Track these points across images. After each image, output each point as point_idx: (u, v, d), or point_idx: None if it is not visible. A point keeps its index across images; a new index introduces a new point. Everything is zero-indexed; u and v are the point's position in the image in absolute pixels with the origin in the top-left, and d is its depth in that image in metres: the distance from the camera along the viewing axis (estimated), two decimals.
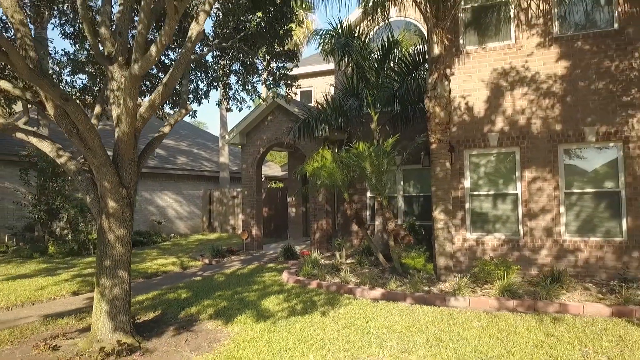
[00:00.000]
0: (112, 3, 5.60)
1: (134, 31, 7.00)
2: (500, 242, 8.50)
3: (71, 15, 8.69)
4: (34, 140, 5.45)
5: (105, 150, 5.07)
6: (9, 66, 5.72)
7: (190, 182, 20.62)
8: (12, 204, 14.57)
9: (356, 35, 11.05)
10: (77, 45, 8.99)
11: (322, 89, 17.85)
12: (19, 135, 5.45)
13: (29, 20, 7.95)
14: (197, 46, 9.26)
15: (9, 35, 7.55)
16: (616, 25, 7.87)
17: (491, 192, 8.66)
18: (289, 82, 10.28)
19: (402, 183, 12.61)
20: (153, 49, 4.35)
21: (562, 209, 8.13)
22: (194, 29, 4.82)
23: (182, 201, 20.16)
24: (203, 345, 5.21)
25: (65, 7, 7.85)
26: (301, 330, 5.47)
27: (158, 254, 13.46)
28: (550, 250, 8.13)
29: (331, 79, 17.35)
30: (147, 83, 9.31)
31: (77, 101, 7.14)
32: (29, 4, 7.72)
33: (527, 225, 8.30)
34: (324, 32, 11.24)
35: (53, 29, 8.30)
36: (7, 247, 13.90)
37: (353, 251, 11.52)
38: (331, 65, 15.78)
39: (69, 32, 8.90)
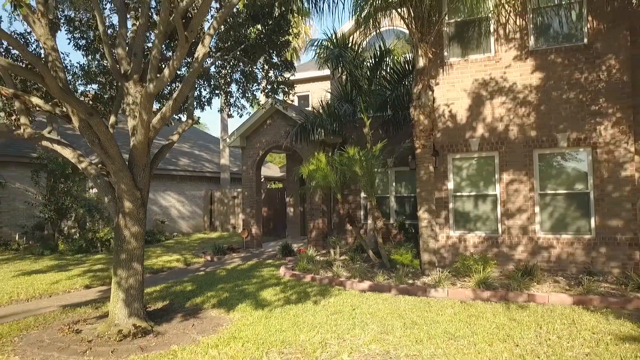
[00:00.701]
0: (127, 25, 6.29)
1: (142, 42, 7.69)
2: (481, 239, 9.20)
3: (84, 29, 9.38)
4: (57, 147, 6.16)
5: (122, 157, 5.78)
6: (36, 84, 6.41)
7: (192, 183, 21.32)
8: (23, 204, 15.28)
9: (350, 45, 11.76)
10: (89, 57, 9.68)
11: (319, 93, 18.57)
12: (44, 143, 6.16)
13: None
14: None
15: (34, 50, 8.25)
16: (585, 41, 8.57)
17: (473, 193, 9.36)
18: (286, 90, 10.97)
19: (394, 184, 13.32)
20: (166, 71, 5.06)
21: (537, 209, 8.83)
22: (200, 51, 5.51)
23: (184, 201, 20.87)
24: (208, 329, 5.91)
25: (80, 24, 8.53)
26: (294, 316, 6.18)
27: (162, 251, 14.15)
28: (526, 246, 8.83)
29: (327, 84, 18.03)
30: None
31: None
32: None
33: (505, 223, 9.01)
34: (319, 43, 11.95)
35: (69, 43, 8.99)
36: (19, 245, 14.60)
37: (347, 249, 12.21)
38: (327, 72, 16.48)
39: (81, 44, 9.59)
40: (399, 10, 8.98)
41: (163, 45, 7.38)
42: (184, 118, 11.39)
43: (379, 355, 4.72)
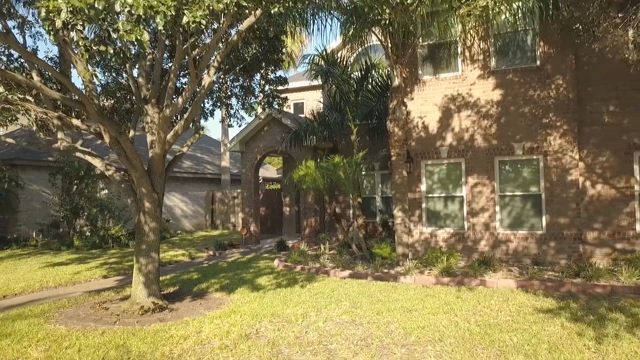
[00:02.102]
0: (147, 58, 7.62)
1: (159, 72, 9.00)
2: (450, 234, 10.54)
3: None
4: (88, 157, 7.48)
5: (143, 166, 7.11)
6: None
7: (195, 184, 22.67)
8: (40, 204, 16.62)
9: (338, 60, 13.10)
10: (106, 74, 10.99)
11: (313, 100, 19.89)
12: (77, 154, 7.49)
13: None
14: None
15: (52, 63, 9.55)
16: (538, 63, 9.89)
17: (442, 195, 10.70)
18: (280, 102, 12.29)
19: (379, 186, 14.65)
20: (180, 100, 6.39)
21: (497, 208, 10.16)
22: (206, 80, 6.84)
23: (187, 201, 22.21)
24: (212, 306, 7.24)
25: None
26: (284, 296, 7.52)
27: (168, 247, 15.48)
28: (487, 241, 10.17)
29: (320, 92, 19.34)
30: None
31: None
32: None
33: (470, 221, 10.34)
34: (311, 59, 13.31)
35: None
36: (37, 241, 15.92)
37: (338, 244, 13.54)
38: (320, 81, 17.80)
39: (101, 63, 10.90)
40: (378, 36, 10.30)
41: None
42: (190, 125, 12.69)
43: (347, 322, 6.06)
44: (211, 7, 3.63)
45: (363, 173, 14.26)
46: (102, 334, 5.91)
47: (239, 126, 12.44)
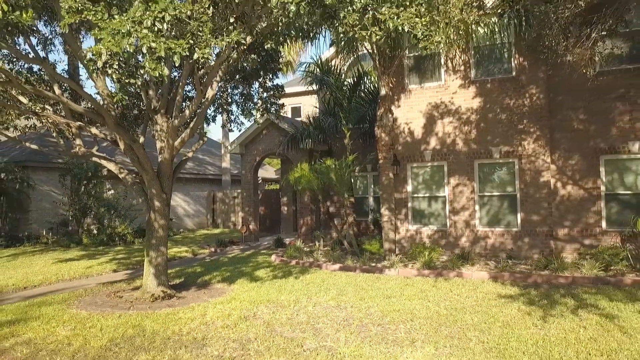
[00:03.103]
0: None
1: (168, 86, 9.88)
2: (434, 231, 11.41)
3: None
4: (104, 162, 8.36)
5: (154, 170, 7.98)
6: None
7: (197, 185, 23.57)
8: (49, 203, 17.52)
9: (332, 68, 13.97)
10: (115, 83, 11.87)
11: (309, 105, 20.76)
12: (94, 158, 8.37)
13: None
14: None
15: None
16: (514, 73, 10.77)
17: (427, 195, 11.58)
18: (277, 108, 13.15)
19: (372, 186, 15.51)
20: (187, 112, 7.26)
21: (477, 207, 11.04)
22: (209, 94, 7.71)
23: (189, 201, 23.11)
24: (215, 294, 8.12)
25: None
26: (279, 286, 8.40)
27: (172, 244, 16.33)
28: (468, 237, 11.04)
29: (316, 97, 20.21)
30: None
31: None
32: None
33: (452, 219, 11.22)
34: (307, 66, 14.18)
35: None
36: (47, 239, 16.80)
37: (332, 241, 14.41)
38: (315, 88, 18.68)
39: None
40: (367, 49, 11.17)
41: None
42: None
43: (333, 307, 6.94)
44: (217, 47, 4.48)
45: (357, 174, 15.16)
46: (119, 317, 6.79)
47: (239, 131, 13.32)
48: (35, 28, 8.48)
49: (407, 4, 4.77)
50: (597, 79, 9.83)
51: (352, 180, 14.30)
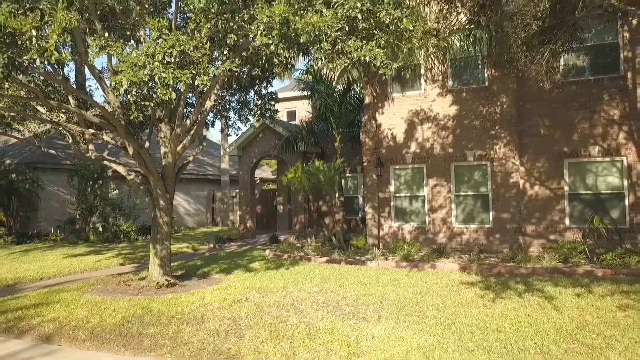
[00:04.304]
0: None
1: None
2: (414, 228, 12.43)
3: None
4: (113, 165, 9.37)
5: (158, 172, 8.99)
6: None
7: (197, 184, 24.59)
8: (57, 202, 18.54)
9: (323, 77, 14.99)
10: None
11: (303, 110, 21.79)
12: (105, 162, 9.38)
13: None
14: None
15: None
16: (486, 83, 11.78)
17: (408, 194, 12.59)
18: (272, 114, 14.16)
19: (362, 186, 16.52)
20: (188, 121, 8.28)
21: (453, 206, 12.05)
22: (207, 105, 8.72)
23: (189, 200, 24.14)
24: (213, 283, 9.13)
25: None
26: (270, 276, 9.43)
27: (173, 241, 17.26)
28: (445, 233, 12.06)
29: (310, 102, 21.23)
30: None
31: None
32: None
33: (431, 216, 12.23)
34: (300, 74, 15.21)
35: None
36: (56, 236, 17.83)
37: (323, 238, 15.43)
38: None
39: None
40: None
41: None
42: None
43: (315, 292, 7.95)
44: (214, 74, 5.47)
45: (348, 175, 16.16)
46: (129, 301, 7.80)
47: (236, 135, 14.33)
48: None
49: (369, 38, 5.76)
50: (562, 88, 10.83)
51: (343, 181, 15.31)
